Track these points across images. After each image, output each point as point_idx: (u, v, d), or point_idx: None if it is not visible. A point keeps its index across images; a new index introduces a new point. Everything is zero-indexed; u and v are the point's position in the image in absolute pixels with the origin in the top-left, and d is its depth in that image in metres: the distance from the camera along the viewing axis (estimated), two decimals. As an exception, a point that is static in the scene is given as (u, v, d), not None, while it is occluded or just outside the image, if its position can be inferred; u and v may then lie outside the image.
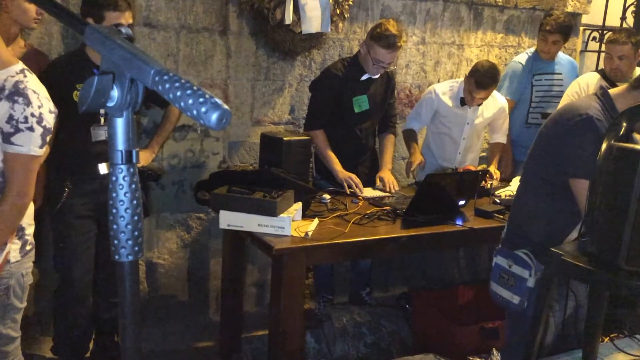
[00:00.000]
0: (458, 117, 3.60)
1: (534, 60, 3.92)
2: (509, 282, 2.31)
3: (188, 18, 3.34)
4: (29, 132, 1.87)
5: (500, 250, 2.37)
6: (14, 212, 1.94)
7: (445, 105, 3.58)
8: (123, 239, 0.80)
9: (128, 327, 0.88)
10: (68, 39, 3.10)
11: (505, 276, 2.31)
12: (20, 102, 1.85)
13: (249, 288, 3.78)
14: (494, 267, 2.37)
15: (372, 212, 2.93)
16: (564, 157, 2.17)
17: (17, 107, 1.84)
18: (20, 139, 1.87)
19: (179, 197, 3.52)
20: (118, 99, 0.76)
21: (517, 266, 2.27)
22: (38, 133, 1.89)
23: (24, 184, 1.92)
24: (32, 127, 1.87)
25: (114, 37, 0.77)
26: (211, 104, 0.68)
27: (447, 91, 3.59)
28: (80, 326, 2.90)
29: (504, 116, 3.74)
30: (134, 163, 0.80)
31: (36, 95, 1.90)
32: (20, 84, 1.87)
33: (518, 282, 2.25)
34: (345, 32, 3.79)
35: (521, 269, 2.24)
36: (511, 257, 2.29)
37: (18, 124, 1.85)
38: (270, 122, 3.70)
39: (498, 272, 2.33)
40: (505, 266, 2.31)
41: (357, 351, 3.23)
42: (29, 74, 1.93)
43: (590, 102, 2.24)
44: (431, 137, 3.74)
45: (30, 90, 1.88)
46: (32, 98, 1.88)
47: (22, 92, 1.86)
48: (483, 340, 3.12)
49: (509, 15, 4.38)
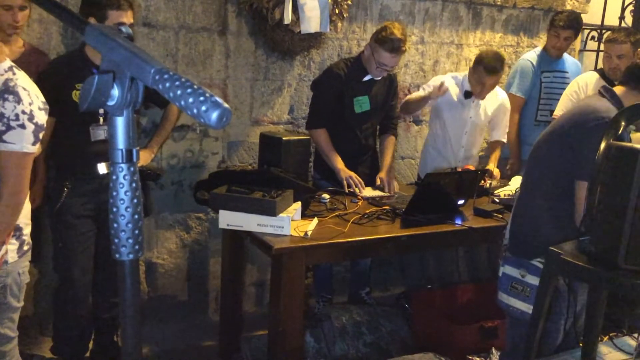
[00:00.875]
0: (460, 110, 3.59)
1: (542, 58, 3.94)
2: (524, 293, 2.22)
3: (187, 18, 3.34)
4: (21, 130, 1.87)
5: (508, 259, 2.30)
6: (9, 210, 1.94)
7: (449, 96, 3.53)
8: (124, 237, 0.80)
9: (129, 326, 0.88)
10: (67, 39, 3.10)
11: (518, 287, 2.23)
12: (10, 100, 1.84)
13: (248, 288, 3.78)
14: (501, 277, 2.28)
15: (372, 211, 2.93)
16: (579, 158, 2.13)
17: (7, 105, 1.84)
18: (12, 136, 1.87)
19: (179, 197, 3.53)
20: (118, 98, 0.76)
21: (531, 275, 2.19)
22: (30, 130, 1.89)
23: (18, 182, 1.92)
24: (24, 124, 1.87)
25: (114, 36, 0.77)
26: (211, 102, 0.68)
27: (451, 83, 3.55)
28: (79, 326, 2.90)
29: (504, 110, 3.71)
30: (135, 162, 0.80)
31: (26, 92, 1.89)
32: (10, 81, 1.87)
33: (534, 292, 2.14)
34: (344, 31, 3.80)
35: (537, 279, 2.13)
36: (523, 267, 2.21)
37: (9, 122, 1.85)
38: (270, 121, 3.70)
39: (508, 283, 2.25)
40: (517, 276, 2.23)
41: (356, 351, 3.23)
42: (17, 71, 1.92)
43: (607, 104, 2.21)
44: (433, 136, 3.73)
45: (20, 88, 1.87)
46: (23, 95, 1.87)
47: (12, 90, 1.85)
48: (482, 340, 3.12)
49: (507, 15, 4.39)
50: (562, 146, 2.22)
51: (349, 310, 3.44)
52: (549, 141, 2.30)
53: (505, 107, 3.72)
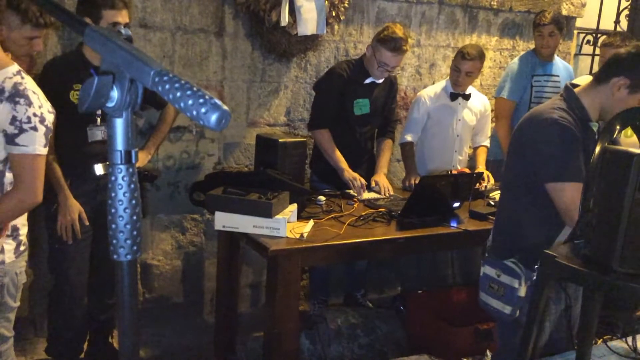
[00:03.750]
0: (449, 113, 3.68)
1: (533, 61, 3.96)
2: (499, 292, 2.26)
3: (184, 19, 3.35)
4: (33, 132, 1.90)
5: (487, 259, 2.33)
6: (17, 208, 1.97)
7: (436, 104, 3.66)
8: (121, 238, 0.80)
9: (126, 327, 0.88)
10: (64, 40, 3.09)
11: (494, 286, 2.27)
12: (22, 103, 1.87)
13: (244, 289, 3.78)
14: (482, 277, 2.32)
15: (368, 213, 2.94)
16: (537, 162, 2.14)
17: (19, 108, 1.87)
18: (25, 139, 1.89)
19: (174, 199, 3.52)
20: (118, 100, 0.76)
21: (505, 275, 2.22)
22: (42, 132, 1.92)
23: (33, 184, 1.95)
24: (36, 126, 1.90)
25: (114, 38, 0.77)
26: (211, 104, 0.68)
27: (436, 90, 3.72)
28: (74, 327, 2.89)
29: (486, 115, 3.85)
30: (133, 163, 0.80)
31: (36, 95, 1.92)
32: (20, 85, 1.89)
33: (508, 291, 2.21)
34: (340, 34, 3.81)
35: (510, 279, 2.20)
36: (499, 267, 2.24)
37: (22, 125, 1.88)
38: (266, 123, 3.71)
39: (487, 282, 2.28)
40: (494, 276, 2.26)
41: (351, 352, 3.23)
42: (25, 75, 1.95)
43: (553, 103, 2.22)
44: (426, 145, 3.76)
45: (30, 91, 1.91)
46: (33, 98, 1.90)
47: (22, 93, 1.88)
48: (477, 342, 3.13)
49: (503, 18, 4.40)
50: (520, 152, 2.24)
51: (344, 312, 3.44)
52: (509, 149, 2.33)
53: (487, 112, 3.85)
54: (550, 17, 3.85)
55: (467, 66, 3.52)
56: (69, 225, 2.62)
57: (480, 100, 3.80)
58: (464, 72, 3.54)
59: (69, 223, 2.62)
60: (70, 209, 2.62)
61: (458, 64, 3.55)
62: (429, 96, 3.68)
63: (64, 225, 2.62)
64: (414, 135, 3.70)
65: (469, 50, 3.52)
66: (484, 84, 4.44)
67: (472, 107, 3.74)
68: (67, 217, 2.62)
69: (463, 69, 3.53)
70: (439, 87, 3.73)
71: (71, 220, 2.62)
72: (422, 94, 3.73)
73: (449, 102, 3.66)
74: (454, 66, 3.60)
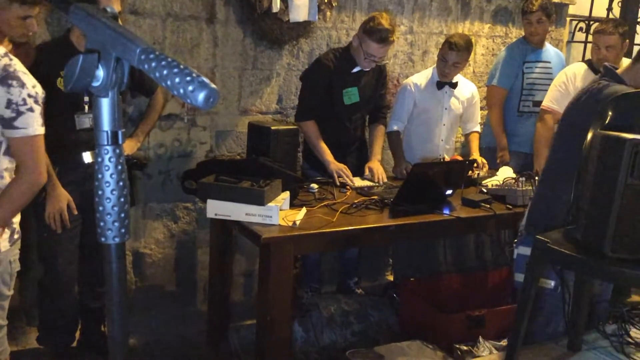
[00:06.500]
0: (435, 102, 3.67)
1: (524, 49, 3.95)
2: None
3: (174, 6, 3.31)
4: (30, 113, 1.89)
5: (523, 239, 2.33)
6: (29, 192, 1.97)
7: (423, 92, 3.64)
8: (109, 220, 0.79)
9: (115, 312, 0.87)
10: (53, 26, 3.05)
11: None
12: (15, 85, 1.85)
13: (236, 277, 3.77)
14: (516, 258, 2.32)
15: (360, 201, 2.93)
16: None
17: (13, 91, 1.85)
18: (23, 121, 1.88)
19: (166, 187, 3.50)
20: (104, 79, 0.74)
21: None
22: (38, 112, 1.91)
23: (37, 165, 1.94)
24: (32, 107, 1.89)
25: (99, 15, 0.75)
26: (198, 82, 0.67)
27: (422, 79, 3.69)
28: (65, 316, 2.88)
29: (475, 102, 3.83)
30: (120, 144, 0.79)
31: (27, 75, 1.92)
32: (9, 67, 1.87)
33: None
34: (333, 21, 3.78)
35: None
36: None
37: (18, 107, 1.86)
38: (258, 111, 3.68)
39: (523, 262, 2.27)
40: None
41: (344, 340, 3.24)
42: (12, 57, 1.92)
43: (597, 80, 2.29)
44: (412, 134, 3.75)
45: (20, 72, 1.89)
46: (25, 79, 1.89)
47: (14, 75, 1.86)
48: (469, 329, 3.14)
49: (496, 5, 4.39)
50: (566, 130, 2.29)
51: (337, 299, 3.45)
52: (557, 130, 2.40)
53: (476, 100, 3.83)
54: (537, 4, 3.83)
55: (453, 57, 3.49)
56: (58, 214, 2.60)
57: (467, 88, 3.78)
58: (451, 62, 3.51)
59: (58, 212, 2.60)
60: (59, 198, 2.59)
61: (445, 54, 3.52)
62: (415, 84, 3.66)
63: (53, 215, 2.59)
64: (401, 124, 3.68)
65: (456, 40, 3.48)
66: (476, 71, 4.43)
67: (459, 95, 3.72)
68: (56, 206, 2.59)
69: (450, 60, 3.51)
70: (425, 76, 3.70)
71: (59, 210, 2.60)
72: (408, 82, 3.70)
73: (436, 90, 3.64)
74: (441, 56, 3.56)
